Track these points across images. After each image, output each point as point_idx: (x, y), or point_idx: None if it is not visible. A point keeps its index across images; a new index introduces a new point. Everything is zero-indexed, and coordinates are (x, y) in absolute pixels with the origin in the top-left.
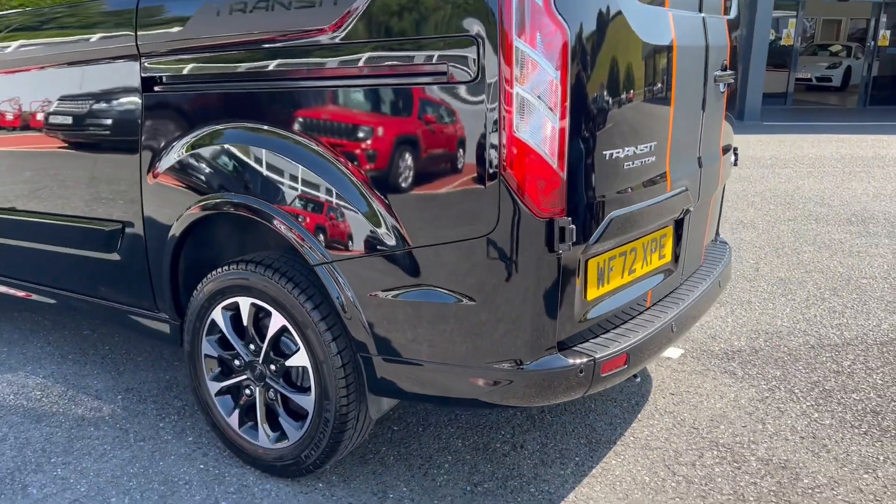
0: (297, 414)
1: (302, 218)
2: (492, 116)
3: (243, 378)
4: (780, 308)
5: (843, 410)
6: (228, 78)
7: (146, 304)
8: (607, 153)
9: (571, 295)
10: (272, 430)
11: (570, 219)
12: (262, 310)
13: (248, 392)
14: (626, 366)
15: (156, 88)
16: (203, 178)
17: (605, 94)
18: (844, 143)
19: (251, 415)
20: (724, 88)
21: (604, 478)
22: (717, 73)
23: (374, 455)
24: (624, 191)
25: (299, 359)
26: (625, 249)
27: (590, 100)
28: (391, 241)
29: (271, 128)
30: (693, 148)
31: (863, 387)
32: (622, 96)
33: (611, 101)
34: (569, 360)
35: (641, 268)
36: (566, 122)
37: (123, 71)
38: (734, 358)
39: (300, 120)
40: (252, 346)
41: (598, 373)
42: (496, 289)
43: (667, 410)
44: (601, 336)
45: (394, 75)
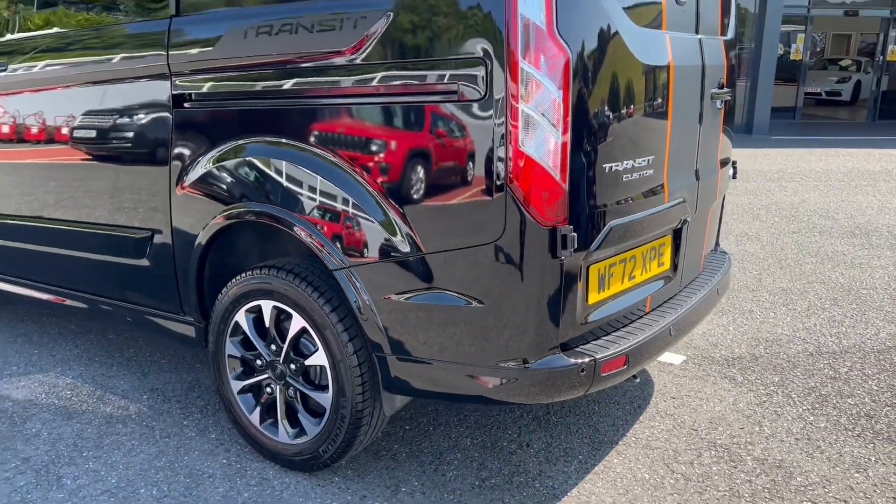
0: (315, 411)
1: (322, 225)
2: (499, 132)
3: (264, 377)
4: (781, 317)
5: (838, 414)
6: (253, 95)
7: (172, 307)
8: (607, 166)
9: (573, 298)
10: (291, 426)
11: (571, 227)
12: (284, 312)
13: (268, 390)
14: (625, 366)
15: (185, 105)
16: (228, 189)
17: (605, 110)
18: (852, 157)
19: (272, 412)
20: (721, 105)
21: (605, 475)
22: (714, 90)
23: (387, 452)
24: (623, 201)
25: (318, 358)
26: (625, 257)
27: (590, 116)
28: (405, 248)
29: (293, 142)
30: (690, 161)
31: (858, 392)
32: (621, 113)
33: (610, 118)
34: (571, 359)
35: (641, 274)
36: (568, 137)
37: (155, 89)
38: (734, 364)
39: (320, 135)
40: (273, 347)
41: (598, 372)
42: (503, 292)
43: (668, 413)
44: (602, 338)
45: (408, 93)
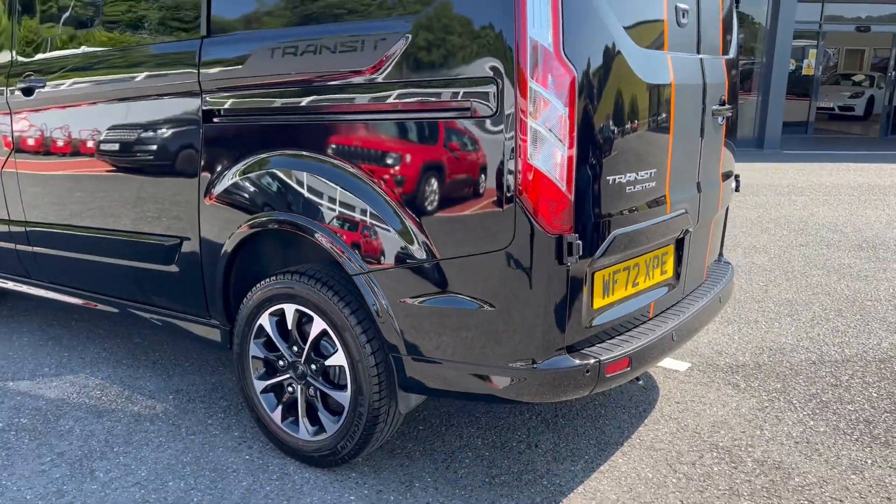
0: (334, 409)
1: (342, 233)
2: (509, 146)
3: (286, 377)
4: (786, 327)
5: (838, 419)
6: (278, 111)
7: (199, 311)
8: (611, 178)
9: (579, 303)
10: (311, 424)
11: (577, 235)
12: (305, 315)
13: (290, 389)
14: (628, 368)
15: (214, 120)
16: (253, 200)
17: (609, 126)
18: (863, 172)
19: (293, 410)
20: (722, 121)
21: (611, 474)
22: (715, 107)
23: (402, 451)
24: (626, 211)
25: (337, 359)
26: (628, 264)
27: (595, 131)
28: (421, 255)
29: (315, 155)
30: (692, 174)
31: (858, 399)
32: (624, 128)
33: (614, 133)
34: (577, 361)
35: (644, 282)
36: (574, 151)
37: (186, 105)
38: (738, 371)
39: (341, 148)
40: (295, 348)
41: (602, 373)
42: (513, 296)
43: (672, 416)
44: (607, 341)
45: (424, 110)
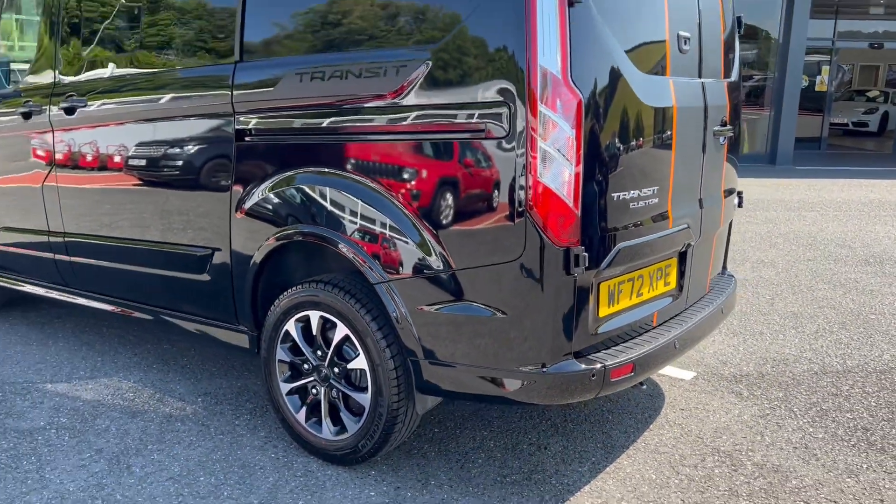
0: (355, 410)
1: (364, 244)
2: (520, 164)
3: (311, 379)
4: (790, 339)
5: (836, 427)
6: (306, 131)
7: (229, 317)
8: (615, 195)
9: (586, 311)
10: (334, 424)
11: (583, 248)
12: (329, 321)
13: (314, 391)
14: (632, 373)
15: (245, 139)
16: (281, 214)
17: (613, 147)
18: (874, 188)
19: (316, 411)
20: (723, 141)
21: (616, 475)
22: (717, 128)
23: (418, 451)
24: (630, 226)
25: (359, 363)
26: (633, 276)
27: (600, 151)
28: (438, 265)
29: (340, 172)
30: (694, 191)
31: (857, 408)
32: (628, 148)
33: (618, 153)
34: (583, 365)
35: (648, 292)
36: (580, 170)
37: (219, 125)
38: (742, 381)
39: (364, 166)
40: (319, 353)
41: (607, 378)
42: (523, 304)
43: (676, 422)
44: (612, 348)
45: (442, 131)
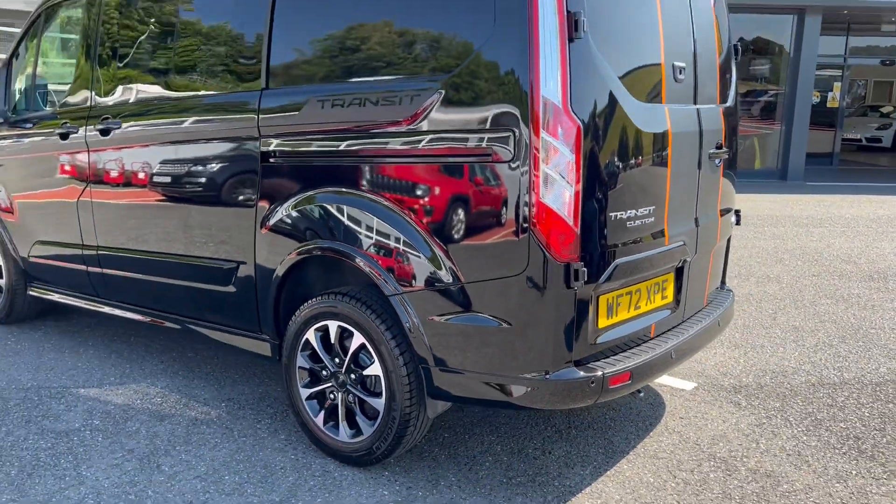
0: (370, 414)
1: (379, 259)
2: (524, 186)
3: (329, 385)
4: (790, 352)
5: (829, 435)
6: (326, 154)
7: (252, 327)
8: (613, 214)
9: (585, 322)
10: (350, 427)
11: (582, 263)
12: (347, 331)
13: (331, 396)
14: (630, 381)
15: (270, 161)
16: (302, 230)
17: (611, 170)
18: (884, 204)
19: (333, 415)
20: (719, 163)
21: (616, 478)
22: (712, 151)
23: (429, 454)
24: (628, 243)
25: (374, 369)
26: (630, 289)
27: (599, 174)
28: (448, 278)
29: (357, 192)
30: (689, 210)
31: (851, 418)
32: (625, 171)
33: (616, 175)
34: (583, 373)
35: (645, 305)
36: (580, 191)
37: (246, 147)
38: (741, 391)
39: (380, 185)
40: (337, 360)
41: (606, 385)
42: (527, 315)
43: (675, 430)
44: (611, 357)
45: (452, 154)
